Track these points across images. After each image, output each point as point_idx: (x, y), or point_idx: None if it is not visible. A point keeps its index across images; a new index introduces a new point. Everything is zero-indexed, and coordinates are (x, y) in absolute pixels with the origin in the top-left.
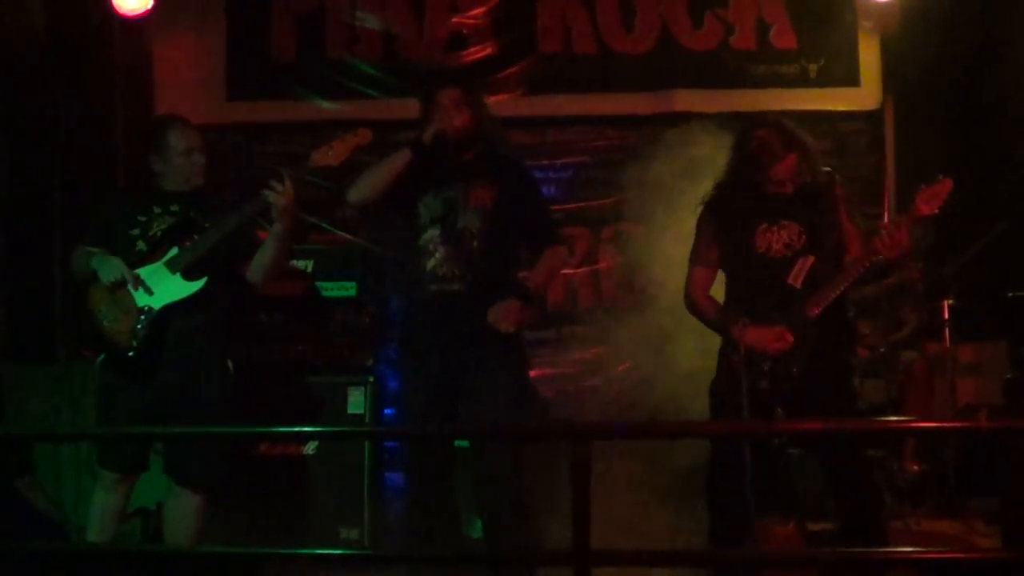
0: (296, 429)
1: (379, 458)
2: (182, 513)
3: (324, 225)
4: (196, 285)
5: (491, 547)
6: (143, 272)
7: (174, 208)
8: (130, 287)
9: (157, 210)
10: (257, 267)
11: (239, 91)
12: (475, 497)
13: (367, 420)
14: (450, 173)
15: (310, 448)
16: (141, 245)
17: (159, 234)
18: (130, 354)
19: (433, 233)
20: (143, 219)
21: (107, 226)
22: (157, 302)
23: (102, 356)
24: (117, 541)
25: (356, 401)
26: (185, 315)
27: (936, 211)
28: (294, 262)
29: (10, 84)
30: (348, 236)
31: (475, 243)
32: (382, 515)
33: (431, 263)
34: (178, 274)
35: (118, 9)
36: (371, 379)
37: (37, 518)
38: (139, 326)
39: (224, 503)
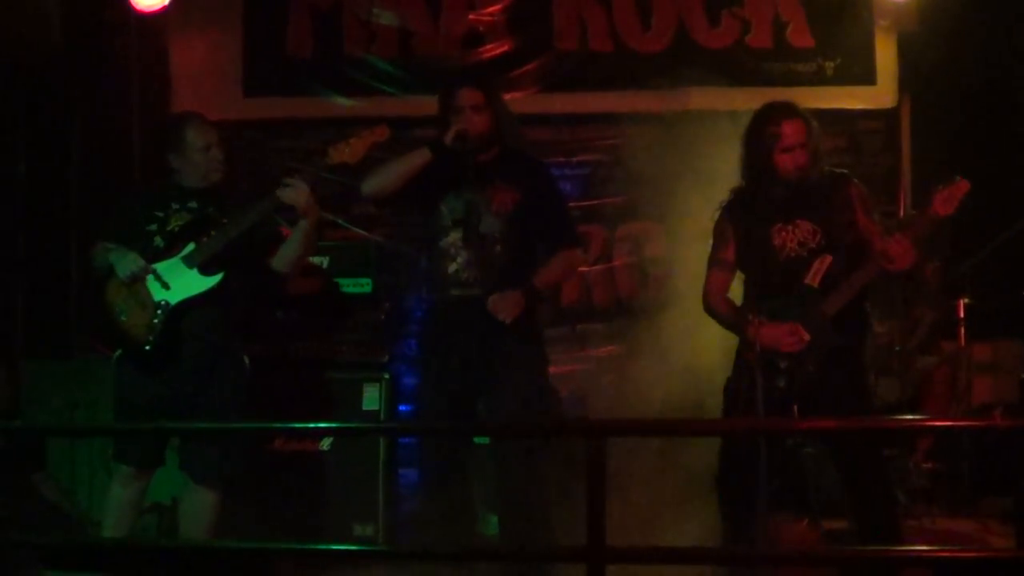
0: (312, 425)
1: (394, 455)
2: (197, 509)
3: (340, 222)
4: (213, 280)
5: (506, 544)
6: (160, 267)
7: (192, 204)
8: (147, 282)
9: (175, 206)
10: (282, 258)
11: (256, 87)
12: (492, 494)
13: (382, 417)
14: (470, 174)
15: (325, 444)
16: (158, 241)
17: (176, 230)
18: (147, 348)
19: (455, 236)
20: (161, 215)
21: (127, 224)
22: (174, 297)
23: (119, 351)
24: (133, 536)
25: (371, 397)
26: (201, 310)
27: (952, 212)
28: (310, 258)
29: (27, 82)
30: (364, 233)
31: (497, 248)
32: (397, 511)
33: (453, 267)
34: (195, 269)
35: (135, 6)
36: (386, 376)
37: (51, 512)
38: (155, 320)
39: (239, 499)
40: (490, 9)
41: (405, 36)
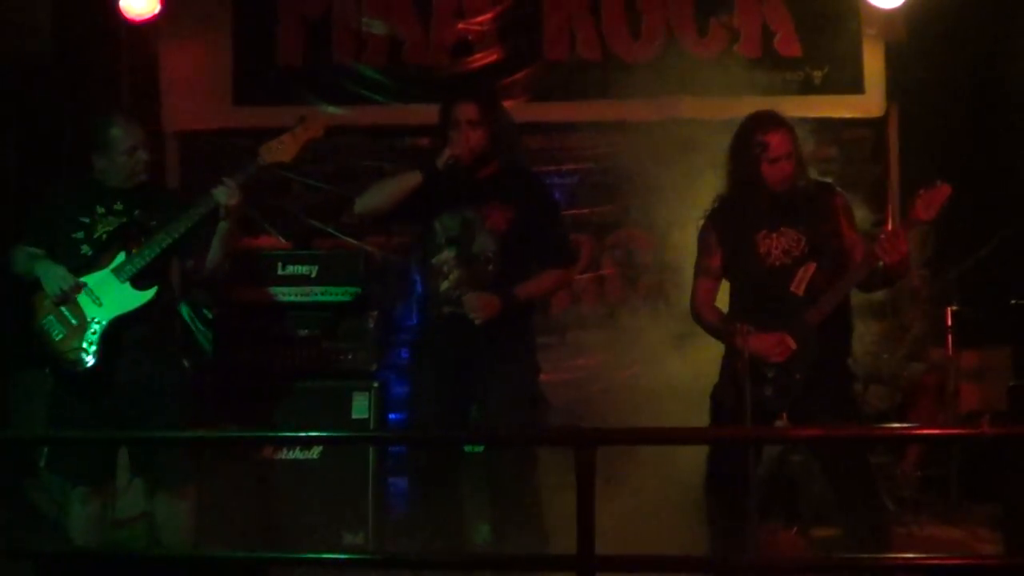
0: (301, 434)
1: (383, 463)
2: (173, 515)
3: (329, 230)
4: (147, 295)
5: (497, 551)
6: (90, 280)
7: (118, 207)
8: (77, 298)
9: (100, 210)
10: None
11: (245, 95)
12: (483, 503)
13: (372, 425)
14: (466, 192)
15: (315, 452)
16: (85, 249)
17: (104, 237)
18: (82, 369)
19: (448, 255)
20: (86, 220)
21: (48, 224)
22: (106, 314)
23: (48, 368)
24: (121, 545)
25: (360, 406)
26: (137, 326)
27: (933, 216)
28: (298, 267)
29: (17, 89)
30: (353, 241)
31: (490, 267)
32: (386, 519)
33: (445, 285)
34: (127, 283)
35: (125, 13)
36: (375, 384)
37: (42, 521)
38: (87, 342)
39: (229, 506)
40: (480, 18)
41: (395, 45)
